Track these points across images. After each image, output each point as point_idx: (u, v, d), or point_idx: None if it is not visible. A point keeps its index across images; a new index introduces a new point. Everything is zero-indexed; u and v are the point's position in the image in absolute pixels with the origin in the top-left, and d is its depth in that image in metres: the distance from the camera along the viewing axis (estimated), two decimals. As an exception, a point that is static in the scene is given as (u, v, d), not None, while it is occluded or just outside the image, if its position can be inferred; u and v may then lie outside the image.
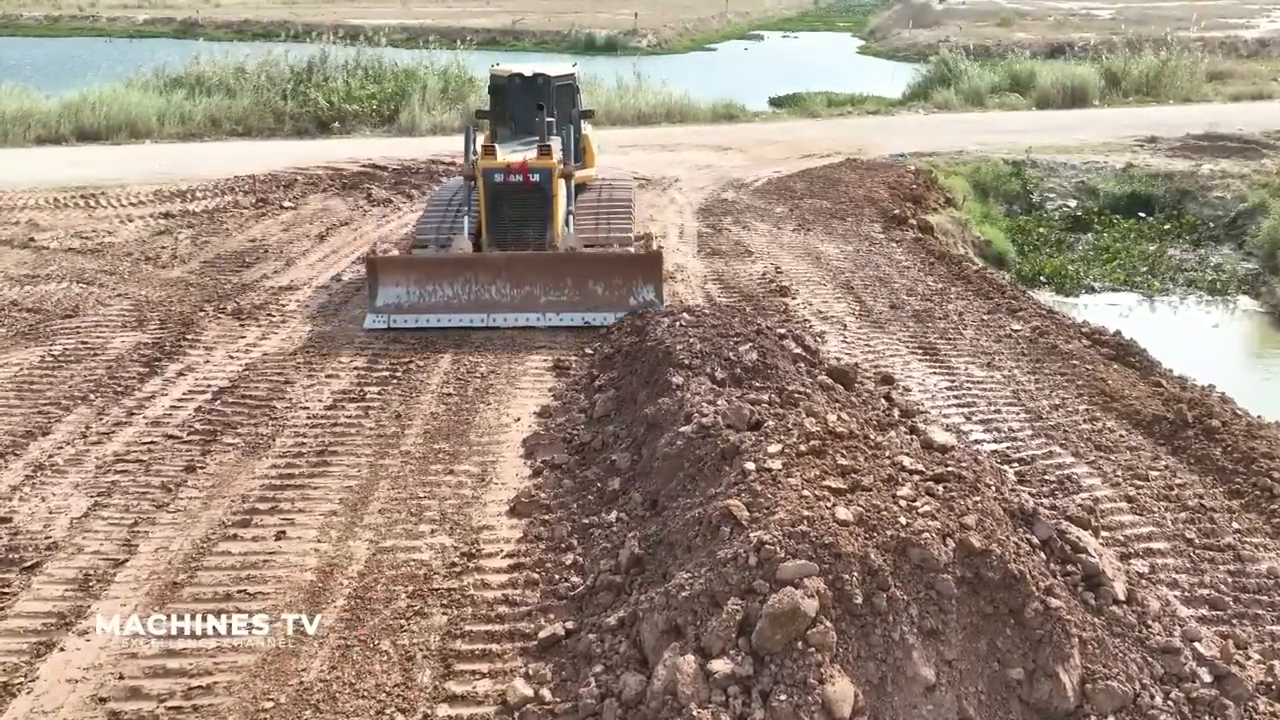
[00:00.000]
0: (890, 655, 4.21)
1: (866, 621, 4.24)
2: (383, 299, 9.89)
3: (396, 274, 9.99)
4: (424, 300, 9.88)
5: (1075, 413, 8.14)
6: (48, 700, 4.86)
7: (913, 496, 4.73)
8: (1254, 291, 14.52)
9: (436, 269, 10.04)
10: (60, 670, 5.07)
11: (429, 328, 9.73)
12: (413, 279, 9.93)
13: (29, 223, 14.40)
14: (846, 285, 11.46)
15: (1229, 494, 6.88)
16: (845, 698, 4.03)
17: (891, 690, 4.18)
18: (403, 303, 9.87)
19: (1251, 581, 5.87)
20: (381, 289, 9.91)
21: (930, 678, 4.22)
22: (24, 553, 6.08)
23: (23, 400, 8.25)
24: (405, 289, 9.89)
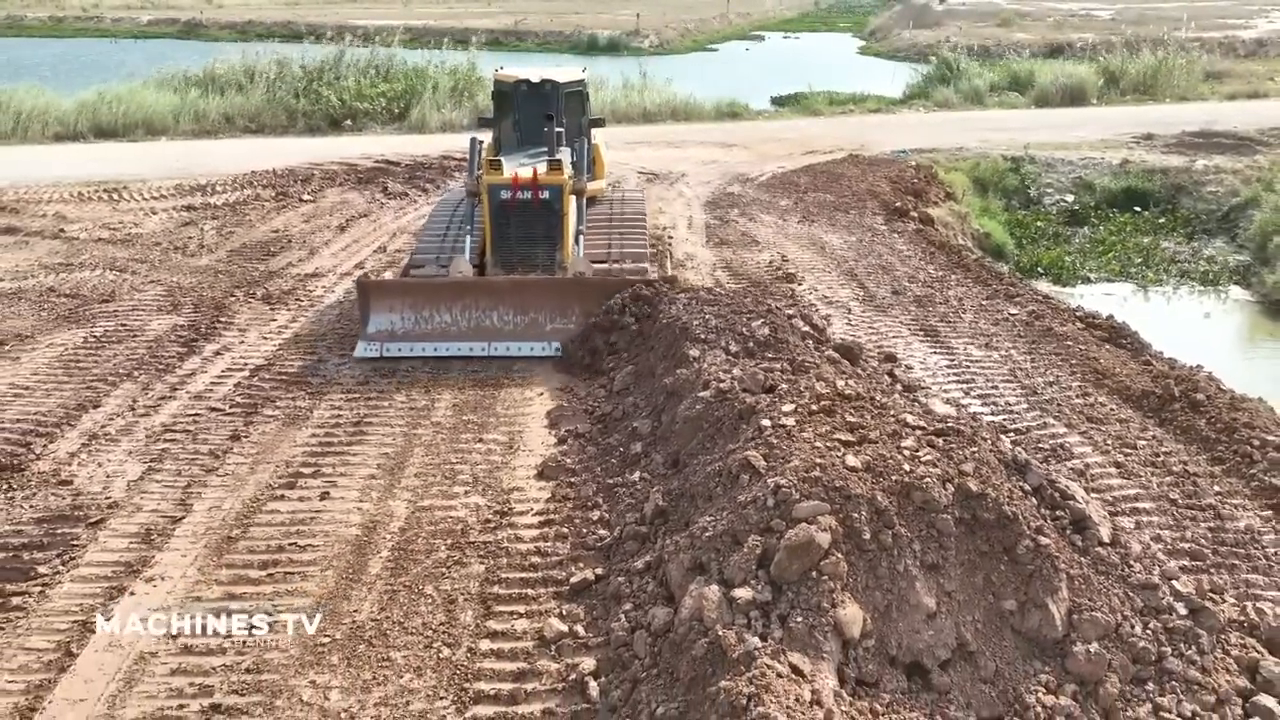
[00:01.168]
0: (895, 585, 4.66)
1: (874, 555, 4.69)
2: (374, 325, 9.17)
3: (390, 298, 9.27)
4: (419, 327, 9.19)
5: (1069, 389, 8.60)
6: (123, 635, 5.32)
7: (915, 448, 5.18)
8: (1244, 282, 14.96)
9: (433, 293, 9.32)
10: (135, 607, 5.53)
11: (425, 357, 9.04)
12: (407, 304, 9.21)
13: (56, 215, 14.84)
14: (850, 273, 11.92)
15: (1212, 460, 7.33)
16: (855, 620, 4.48)
17: (896, 616, 4.63)
18: (396, 329, 9.18)
19: (1229, 536, 6.32)
20: (373, 315, 9.18)
21: (931, 606, 4.67)
22: (88, 511, 6.54)
23: (71, 377, 8.71)
24: (399, 315, 9.19)
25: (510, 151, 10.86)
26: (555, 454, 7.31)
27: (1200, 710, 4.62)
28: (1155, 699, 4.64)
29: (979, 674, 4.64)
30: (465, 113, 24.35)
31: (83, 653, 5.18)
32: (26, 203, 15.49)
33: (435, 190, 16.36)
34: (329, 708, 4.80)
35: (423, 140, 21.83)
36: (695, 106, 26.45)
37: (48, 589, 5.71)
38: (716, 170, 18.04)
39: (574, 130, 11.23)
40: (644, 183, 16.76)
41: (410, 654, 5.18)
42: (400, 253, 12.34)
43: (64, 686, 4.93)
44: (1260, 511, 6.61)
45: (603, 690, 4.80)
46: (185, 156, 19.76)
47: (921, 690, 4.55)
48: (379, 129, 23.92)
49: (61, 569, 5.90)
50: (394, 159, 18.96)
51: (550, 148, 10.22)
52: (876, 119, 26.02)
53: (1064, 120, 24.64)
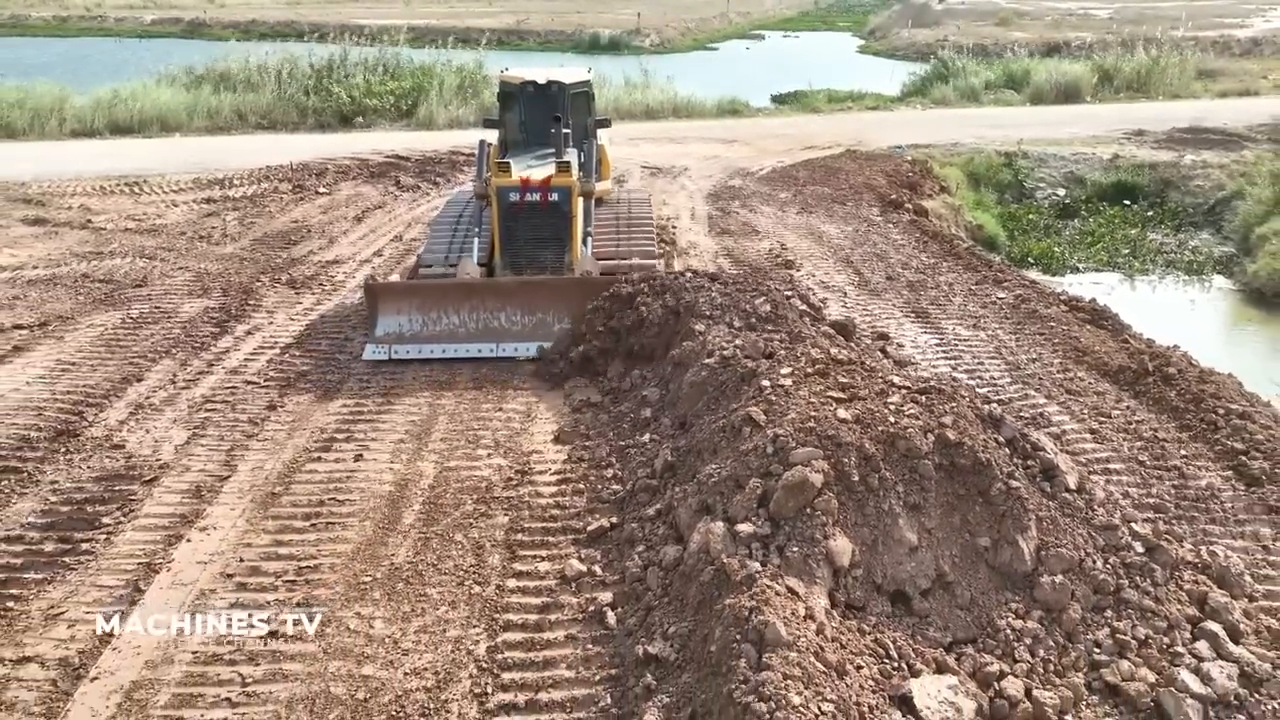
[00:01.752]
0: (881, 522, 5.22)
1: (862, 496, 5.25)
2: (383, 328, 9.19)
3: (398, 301, 9.28)
4: (427, 329, 9.19)
5: (1050, 365, 9.16)
6: (184, 576, 5.89)
7: (900, 403, 5.74)
8: (1228, 271, 15.50)
9: (441, 295, 9.33)
10: (191, 555, 6.09)
11: (434, 359, 9.06)
12: (415, 306, 9.23)
13: (82, 207, 15.40)
14: (846, 260, 12.47)
15: (1180, 428, 7.88)
16: (845, 551, 5.04)
17: (882, 549, 5.19)
18: (405, 332, 9.18)
19: (1191, 492, 6.87)
20: (381, 318, 9.22)
21: (913, 541, 5.23)
22: (141, 470, 7.10)
23: (113, 354, 9.27)
24: (407, 317, 9.21)
25: (517, 153, 10.84)
26: (570, 421, 7.86)
27: (1153, 634, 5.17)
28: (1113, 624, 5.20)
29: (956, 601, 5.20)
30: (472, 110, 24.92)
31: (149, 589, 5.74)
32: (52, 195, 16.05)
33: (446, 183, 16.92)
34: (374, 634, 5.36)
35: (430, 136, 22.38)
36: (697, 104, 27.01)
37: (112, 536, 6.27)
38: (718, 165, 18.59)
39: (580, 131, 11.17)
40: (647, 176, 17.34)
41: (445, 590, 5.75)
42: (416, 241, 12.88)
43: (135, 617, 5.49)
44: (1221, 472, 7.16)
45: (619, 619, 5.37)
46: (200, 152, 20.29)
47: (904, 614, 5.11)
48: (387, 125, 24.48)
49: (123, 519, 6.46)
50: (404, 154, 19.51)
51: (558, 149, 10.24)
52: (874, 116, 26.57)
53: (1058, 117, 25.17)
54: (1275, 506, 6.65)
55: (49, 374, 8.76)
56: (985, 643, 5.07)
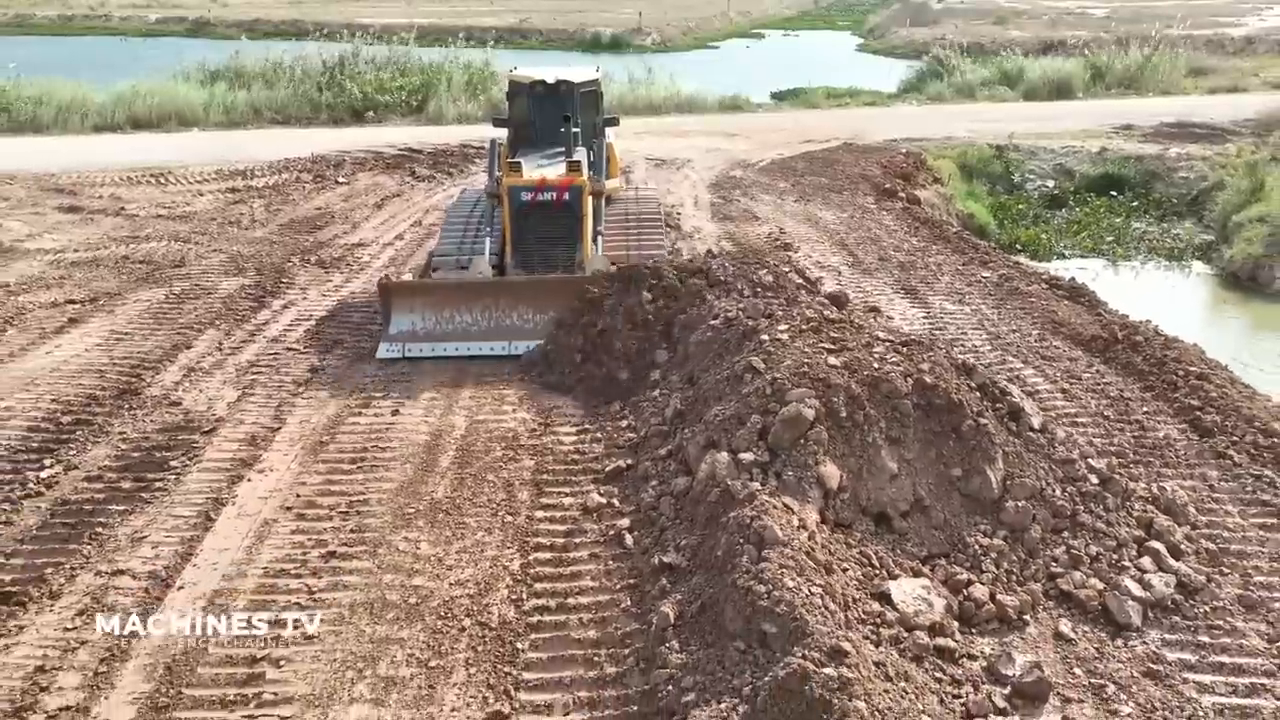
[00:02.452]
0: (865, 453, 5.96)
1: (849, 430, 5.99)
2: (396, 327, 9.28)
3: (411, 299, 9.37)
4: (440, 327, 9.29)
5: (1028, 335, 9.90)
6: (248, 509, 6.64)
7: (884, 353, 6.48)
8: (1206, 258, 16.22)
9: (454, 294, 9.42)
10: (252, 491, 6.84)
11: (448, 357, 9.15)
12: (429, 304, 9.32)
13: (112, 196, 16.14)
14: (841, 243, 13.22)
15: (1143, 388, 8.62)
16: (833, 476, 5.79)
17: (866, 476, 5.93)
18: (418, 330, 9.27)
19: (1149, 441, 7.61)
20: (395, 316, 9.30)
21: (894, 469, 5.97)
22: (200, 423, 7.85)
23: (160, 325, 10.01)
24: (420, 315, 9.30)
25: (526, 152, 10.78)
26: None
27: (1103, 551, 5.92)
28: (1068, 543, 5.95)
29: (931, 522, 5.95)
30: (480, 105, 25.66)
31: (219, 519, 6.49)
32: (83, 185, 16.79)
33: (459, 174, 17.66)
34: (420, 553, 6.11)
35: (441, 131, 23.10)
36: (699, 100, 27.71)
37: (180, 477, 7.02)
38: (719, 157, 19.32)
39: (588, 130, 11.18)
40: (652, 168, 18.07)
41: (480, 520, 6.50)
42: (434, 225, 13.61)
43: (209, 541, 6.24)
44: (1178, 425, 7.89)
45: (636, 540, 6.11)
46: (219, 145, 21.02)
47: (885, 533, 5.86)
48: (398, 120, 25.18)
49: (189, 463, 7.21)
50: (417, 147, 20.24)
51: (568, 149, 10.33)
52: (871, 112, 27.29)
53: (1049, 113, 25.88)
54: (1223, 453, 7.38)
55: (105, 342, 9.51)
56: (956, 557, 5.81)
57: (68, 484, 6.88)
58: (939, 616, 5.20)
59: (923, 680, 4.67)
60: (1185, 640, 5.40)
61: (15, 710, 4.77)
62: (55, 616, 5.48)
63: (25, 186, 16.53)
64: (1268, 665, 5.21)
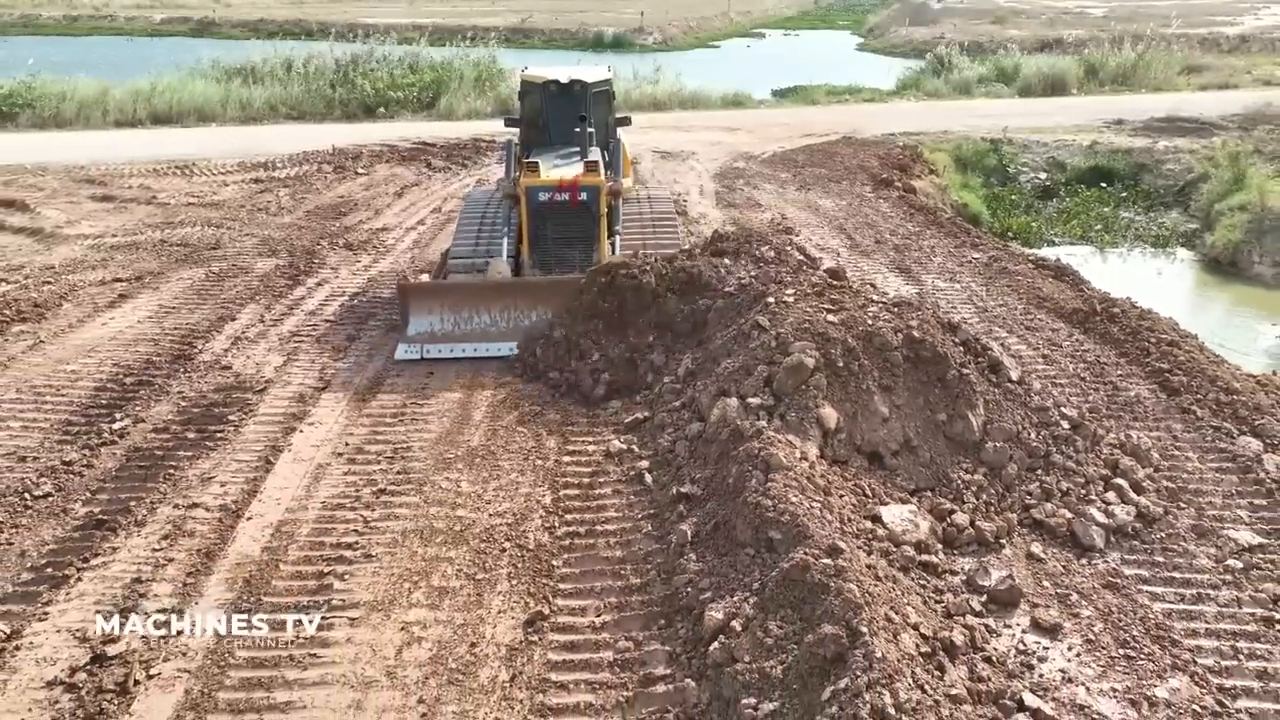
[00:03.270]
0: (860, 398, 6.67)
1: (845, 378, 6.70)
2: (414, 328, 9.28)
3: (430, 300, 9.37)
4: (459, 328, 9.28)
5: (1014, 309, 10.61)
6: (303, 454, 7.35)
7: (877, 312, 7.19)
8: (1190, 244, 16.94)
9: (473, 294, 9.41)
10: (305, 440, 7.56)
11: (466, 358, 9.09)
12: (447, 305, 9.32)
13: (142, 186, 16.85)
14: (840, 228, 13.93)
15: (1119, 355, 9.33)
16: (831, 418, 6.49)
17: (860, 419, 6.64)
18: (436, 331, 9.28)
19: (1120, 399, 8.32)
20: (413, 317, 9.30)
21: (885, 414, 6.68)
22: (251, 384, 8.57)
23: (204, 300, 10.73)
24: (439, 316, 9.30)
25: (540, 152, 10.70)
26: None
27: (1073, 486, 6.63)
28: (1042, 479, 6.65)
29: (918, 460, 6.65)
30: (489, 102, 26.39)
31: (278, 463, 7.20)
32: (112, 176, 17.51)
33: (473, 165, 18.39)
34: (462, 490, 6.82)
35: (451, 126, 23.82)
36: (702, 96, 28.45)
37: (238, 428, 7.73)
38: (723, 150, 20.04)
39: (602, 129, 11.14)
40: (659, 160, 18.78)
41: (513, 463, 7.21)
42: (453, 212, 14.31)
43: (270, 481, 6.95)
44: (1148, 385, 8.59)
45: (655, 479, 6.81)
46: (237, 139, 21.74)
47: (877, 469, 6.56)
48: (410, 116, 25.91)
49: (245, 417, 7.92)
50: (430, 141, 20.97)
51: (583, 149, 10.36)
52: (870, 108, 28.01)
53: (1044, 109, 26.58)
54: (1188, 409, 8.09)
55: (154, 315, 10.23)
56: (940, 490, 6.52)
57: (138, 434, 7.59)
58: (924, 536, 5.91)
59: (908, 584, 5.38)
60: (1142, 560, 6.11)
61: (119, 610, 5.48)
62: (143, 540, 6.19)
63: (57, 177, 17.25)
64: (1214, 580, 5.91)
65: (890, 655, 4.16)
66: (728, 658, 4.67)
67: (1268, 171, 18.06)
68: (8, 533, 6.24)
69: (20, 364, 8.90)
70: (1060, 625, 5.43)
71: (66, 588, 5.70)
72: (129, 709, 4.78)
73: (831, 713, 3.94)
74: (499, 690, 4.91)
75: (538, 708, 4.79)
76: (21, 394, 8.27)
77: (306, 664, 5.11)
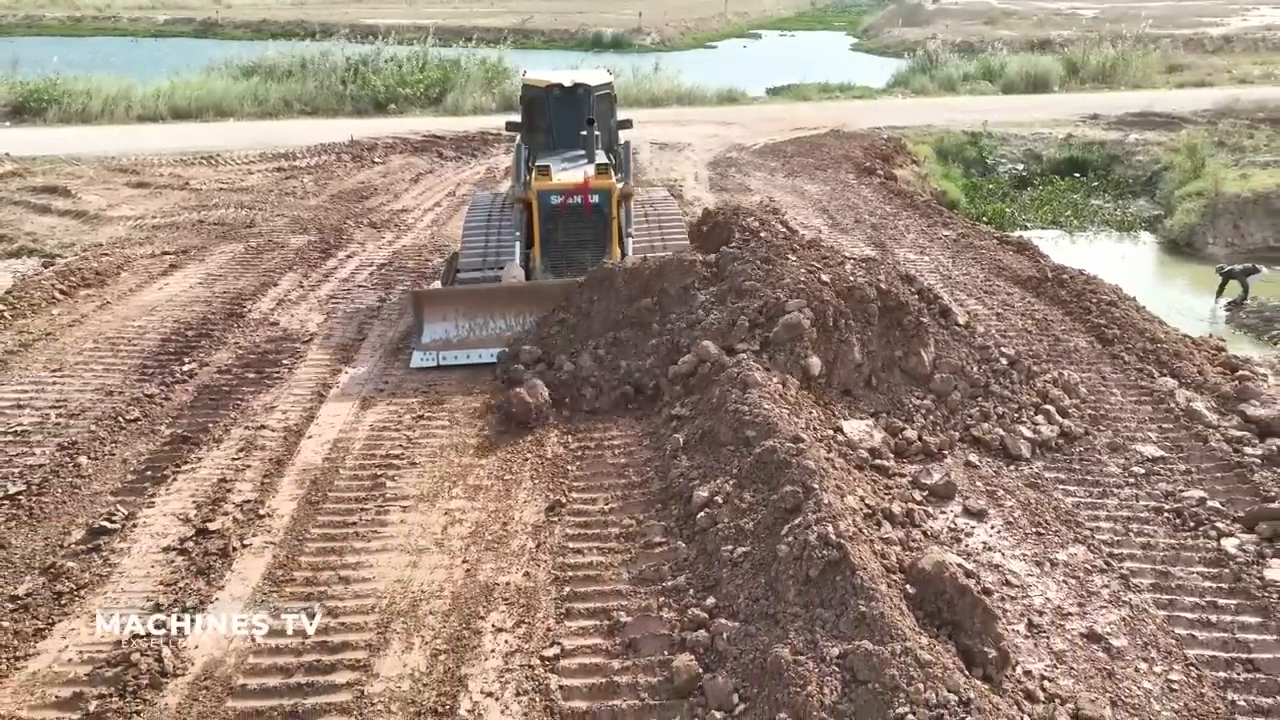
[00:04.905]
0: (840, 348, 7.83)
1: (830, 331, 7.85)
2: (429, 335, 9.28)
3: (443, 307, 9.40)
4: (474, 334, 9.29)
5: (976, 277, 11.81)
6: (349, 389, 8.54)
7: (852, 269, 8.38)
8: (1153, 228, 18.14)
9: (486, 300, 9.44)
10: (350, 379, 8.76)
11: (482, 364, 9.00)
12: (460, 311, 9.35)
13: (173, 174, 18.01)
14: (823, 209, 15.13)
15: (1064, 313, 10.52)
16: (817, 366, 7.66)
17: (839, 365, 7.81)
18: (451, 337, 9.28)
19: (1061, 348, 9.51)
20: (427, 325, 9.31)
21: (859, 359, 7.85)
22: (298, 336, 9.75)
23: (247, 270, 11.91)
24: (454, 323, 9.32)
25: (545, 156, 10.66)
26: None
27: (1007, 411, 7.81)
28: (981, 404, 7.84)
29: (878, 390, 7.83)
30: (494, 98, 27.59)
31: (329, 396, 8.38)
32: (143, 166, 18.66)
33: (482, 155, 19.59)
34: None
35: (458, 121, 25.00)
36: (698, 93, 29.66)
37: (292, 370, 8.92)
38: (717, 141, 21.24)
39: (603, 132, 11.04)
40: (656, 150, 19.96)
41: (531, 396, 8.36)
42: (467, 195, 15.49)
43: (324, 409, 8.13)
44: (1086, 338, 9.79)
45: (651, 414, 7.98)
46: (256, 133, 22.88)
47: (849, 400, 7.74)
48: (418, 111, 27.09)
49: (296, 361, 9.11)
50: (439, 133, 22.14)
51: (589, 152, 10.44)
52: (860, 104, 29.18)
53: (1025, 104, 27.77)
54: (1118, 355, 9.28)
55: (204, 282, 11.41)
56: (894, 412, 7.70)
57: (205, 375, 8.77)
58: (878, 444, 7.09)
59: (860, 477, 6.57)
60: (1061, 467, 7.29)
61: (211, 501, 6.65)
62: (223, 453, 7.37)
63: (92, 167, 18.38)
64: (1118, 482, 7.09)
65: (836, 505, 5.35)
66: (711, 522, 5.86)
67: (1226, 161, 19.27)
68: (109, 446, 7.43)
69: (92, 321, 10.09)
70: (986, 511, 6.62)
71: (166, 485, 6.88)
72: (230, 568, 5.95)
73: (788, 542, 5.13)
74: (527, 554, 6.09)
75: (559, 565, 5.96)
76: (99, 344, 9.45)
77: (369, 538, 6.29)
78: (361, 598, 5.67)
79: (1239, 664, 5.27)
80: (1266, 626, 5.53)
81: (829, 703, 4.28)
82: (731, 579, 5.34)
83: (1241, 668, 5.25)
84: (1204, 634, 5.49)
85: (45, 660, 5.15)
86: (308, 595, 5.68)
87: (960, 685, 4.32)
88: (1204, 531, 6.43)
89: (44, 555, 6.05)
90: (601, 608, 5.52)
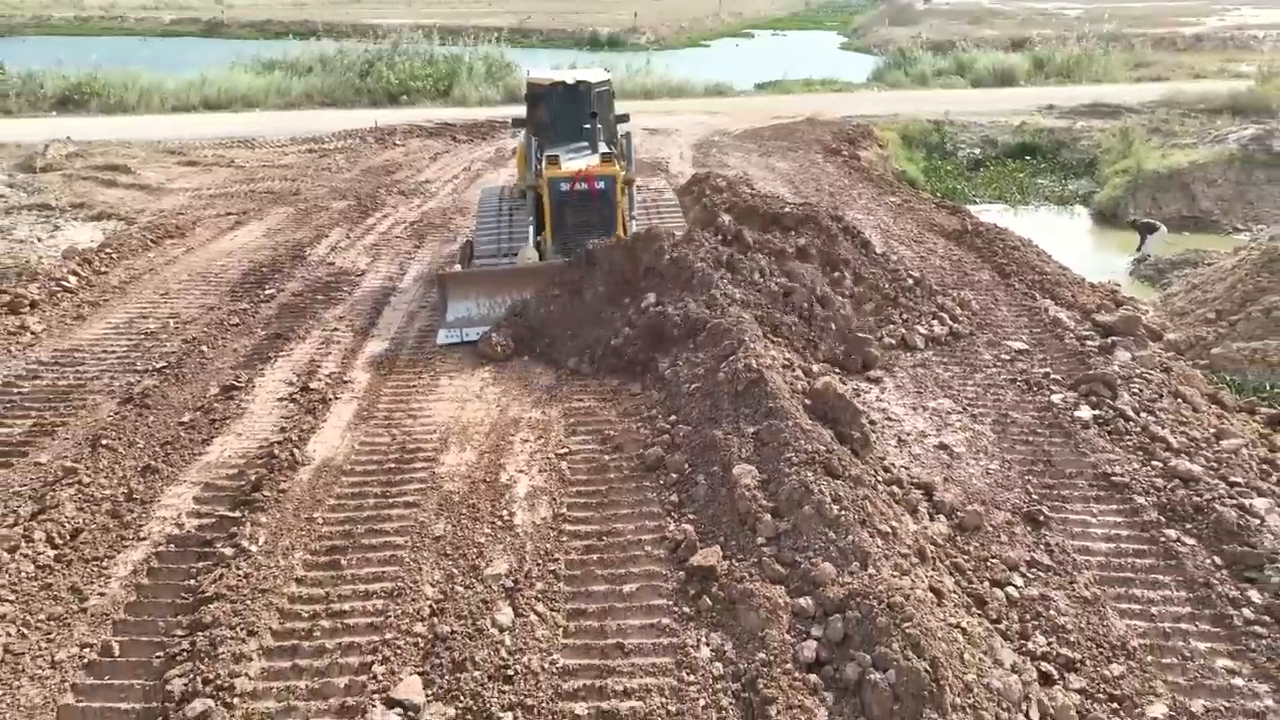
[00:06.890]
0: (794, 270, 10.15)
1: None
2: (453, 314, 10.06)
3: (465, 288, 10.18)
4: (494, 311, 10.05)
5: (910, 231, 14.13)
6: (399, 307, 10.82)
7: (793, 209, 10.69)
8: (1086, 203, 20.46)
9: (505, 280, 10.22)
10: (399, 300, 11.07)
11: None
12: (482, 291, 10.15)
13: (216, 155, 20.30)
14: (790, 181, 17.44)
15: (977, 257, 12.84)
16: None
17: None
18: (473, 315, 10.03)
19: (968, 281, 11.81)
20: (451, 304, 10.09)
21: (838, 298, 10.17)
22: (352, 272, 12.05)
23: (301, 226, 14.21)
24: (475, 302, 10.10)
25: (551, 149, 11.14)
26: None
27: (912, 319, 10.12)
28: (888, 313, 10.15)
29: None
30: (499, 90, 29.90)
31: (383, 310, 10.69)
32: (189, 148, 20.95)
33: (492, 138, 21.89)
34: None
35: (466, 111, 27.29)
36: (688, 86, 31.96)
37: (352, 292, 11.22)
38: (702, 128, 23.56)
39: (604, 125, 11.85)
40: (646, 135, 22.25)
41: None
42: (481, 170, 17.80)
43: (381, 318, 10.45)
44: (989, 272, 12.11)
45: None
46: (282, 121, 25.14)
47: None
48: (428, 103, 29.39)
49: (353, 289, 11.42)
50: (450, 121, 24.46)
51: (592, 144, 11.24)
52: (837, 97, 31.51)
53: (991, 97, 30.07)
54: (1011, 284, 11.60)
55: (267, 234, 13.71)
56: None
57: (282, 298, 11.08)
58: (805, 336, 9.40)
59: (782, 343, 8.86)
60: (947, 355, 9.61)
61: (307, 373, 8.95)
62: (309, 345, 9.68)
63: (142, 149, 20.67)
64: (988, 364, 9.40)
65: (761, 351, 7.67)
66: (674, 375, 8.17)
67: (1154, 144, 21.60)
68: (222, 339, 9.76)
69: (183, 261, 12.40)
70: (881, 379, 8.95)
71: (270, 364, 9.19)
72: (329, 410, 8.25)
73: (725, 372, 7.45)
74: (543, 402, 8.40)
75: (566, 410, 8.26)
76: (193, 277, 11.76)
77: (427, 393, 8.59)
78: (426, 427, 7.97)
79: (1041, 462, 7.58)
80: (1066, 443, 7.84)
81: (745, 456, 6.59)
82: (688, 404, 7.66)
83: (1042, 465, 7.56)
84: (1021, 448, 7.80)
85: (214, 455, 7.45)
86: (388, 426, 7.98)
87: (833, 446, 6.62)
88: (1040, 391, 8.75)
89: (194, 402, 8.36)
90: (596, 430, 7.83)
